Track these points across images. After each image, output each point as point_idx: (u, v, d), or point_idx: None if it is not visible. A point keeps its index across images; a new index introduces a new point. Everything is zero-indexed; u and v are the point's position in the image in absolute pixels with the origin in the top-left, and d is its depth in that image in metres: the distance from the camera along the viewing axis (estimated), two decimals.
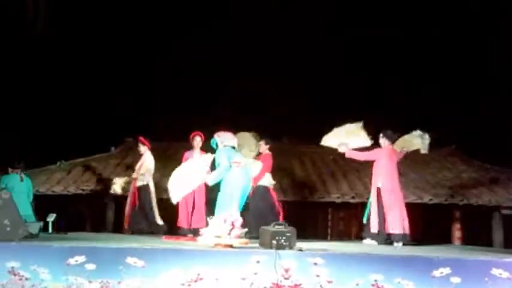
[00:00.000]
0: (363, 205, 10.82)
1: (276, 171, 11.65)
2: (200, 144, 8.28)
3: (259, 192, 7.95)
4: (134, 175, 8.70)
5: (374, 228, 7.40)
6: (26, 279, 4.73)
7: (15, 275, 4.73)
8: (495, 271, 4.97)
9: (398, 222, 7.30)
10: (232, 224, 5.49)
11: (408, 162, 12.55)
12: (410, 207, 10.69)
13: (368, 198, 7.89)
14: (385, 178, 7.50)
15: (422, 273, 4.94)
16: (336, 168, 12.14)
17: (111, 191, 9.18)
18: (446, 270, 4.94)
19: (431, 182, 11.45)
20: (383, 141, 7.79)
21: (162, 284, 4.78)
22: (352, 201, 10.72)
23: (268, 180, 8.15)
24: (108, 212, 10.86)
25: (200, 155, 7.82)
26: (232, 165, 6.91)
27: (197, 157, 7.81)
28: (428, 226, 10.85)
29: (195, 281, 4.80)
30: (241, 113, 13.09)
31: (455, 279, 4.93)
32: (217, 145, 7.11)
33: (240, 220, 5.58)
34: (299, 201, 10.67)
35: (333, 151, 8.53)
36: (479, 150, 12.81)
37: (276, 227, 5.32)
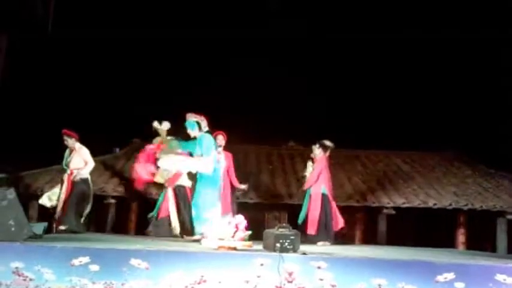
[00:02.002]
0: (367, 209, 10.88)
1: (282, 174, 11.73)
2: (223, 143, 8.23)
3: (176, 190, 8.22)
4: (70, 172, 7.97)
5: (318, 230, 7.85)
6: (30, 279, 4.74)
7: (19, 275, 4.74)
8: (499, 277, 4.95)
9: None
10: (236, 227, 5.49)
11: (414, 166, 12.62)
12: (416, 212, 10.80)
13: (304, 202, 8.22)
14: (327, 185, 8.05)
15: (426, 278, 4.92)
16: (340, 171, 12.14)
17: (48, 205, 8.18)
18: (450, 276, 4.93)
19: (436, 186, 11.42)
20: (319, 151, 8.14)
21: (166, 285, 4.78)
22: (356, 204, 10.70)
23: (185, 180, 8.29)
24: (110, 213, 10.88)
25: (224, 155, 8.03)
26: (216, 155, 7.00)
27: (222, 158, 7.91)
28: (432, 230, 10.85)
29: (199, 283, 4.80)
30: (242, 113, 13.14)
31: (459, 285, 4.91)
32: (199, 127, 6.89)
33: (244, 222, 5.58)
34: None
35: (337, 155, 8.66)
36: (484, 155, 12.79)
37: (280, 230, 5.31)
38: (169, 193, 8.24)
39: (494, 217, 10.70)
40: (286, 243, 5.13)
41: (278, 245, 5.11)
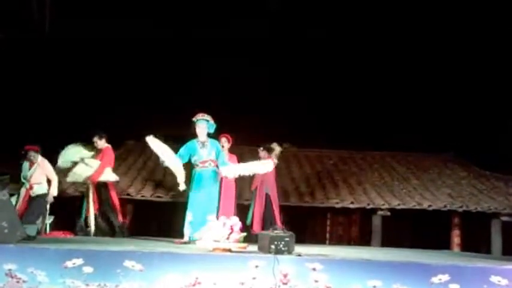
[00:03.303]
0: (362, 210, 10.88)
1: (276, 175, 11.70)
2: (227, 145, 8.27)
3: (99, 187, 8.07)
4: (29, 186, 7.87)
5: (263, 228, 8.12)
6: (23, 281, 4.70)
7: (12, 277, 4.71)
8: (494, 278, 4.95)
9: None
10: (231, 228, 5.47)
11: (409, 168, 12.64)
12: (411, 213, 10.80)
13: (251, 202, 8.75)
14: (272, 186, 8.64)
15: (420, 280, 4.91)
16: (336, 172, 12.14)
17: None
18: (445, 277, 4.92)
19: (431, 188, 11.44)
20: (263, 154, 8.71)
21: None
22: (351, 206, 10.70)
23: (109, 175, 8.12)
24: None
25: (228, 157, 8.03)
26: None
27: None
28: (427, 232, 10.86)
29: (193, 285, 4.78)
30: (241, 114, 13.11)
31: (454, 286, 4.91)
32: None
33: (239, 224, 5.56)
34: (298, 205, 10.65)
35: (332, 156, 8.71)
36: (479, 157, 12.82)
37: (275, 231, 5.31)
38: (91, 190, 8.03)
39: (489, 219, 10.72)
40: (281, 245, 5.12)
41: (273, 246, 5.10)
